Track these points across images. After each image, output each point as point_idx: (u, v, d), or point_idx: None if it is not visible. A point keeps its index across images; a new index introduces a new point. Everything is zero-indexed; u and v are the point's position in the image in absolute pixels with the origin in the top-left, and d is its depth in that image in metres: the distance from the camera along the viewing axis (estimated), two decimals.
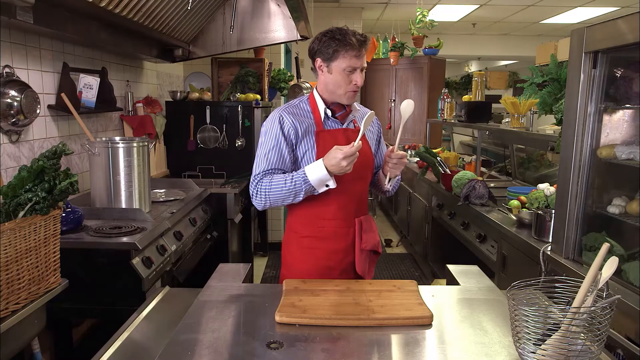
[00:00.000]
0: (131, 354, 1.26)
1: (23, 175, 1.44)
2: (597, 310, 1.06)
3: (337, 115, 1.80)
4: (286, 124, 1.75)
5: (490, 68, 12.33)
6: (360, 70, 1.71)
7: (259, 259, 4.79)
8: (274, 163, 1.74)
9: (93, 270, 2.02)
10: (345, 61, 1.68)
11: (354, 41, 1.66)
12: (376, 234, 1.91)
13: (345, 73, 1.70)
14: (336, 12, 6.76)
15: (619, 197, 1.91)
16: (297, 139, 1.75)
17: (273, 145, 1.74)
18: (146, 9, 2.65)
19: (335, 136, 1.77)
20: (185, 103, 3.98)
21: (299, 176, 1.66)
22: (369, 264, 1.86)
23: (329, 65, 1.71)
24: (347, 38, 1.66)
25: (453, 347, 1.23)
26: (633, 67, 1.81)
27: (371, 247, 1.84)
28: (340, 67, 1.69)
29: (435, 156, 4.08)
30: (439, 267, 3.94)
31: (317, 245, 1.81)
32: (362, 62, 1.70)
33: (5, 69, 2.09)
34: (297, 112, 1.79)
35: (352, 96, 1.76)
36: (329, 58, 1.70)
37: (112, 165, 2.41)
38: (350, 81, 1.71)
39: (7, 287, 1.37)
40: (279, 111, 1.79)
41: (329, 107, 1.80)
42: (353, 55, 1.67)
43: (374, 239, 1.86)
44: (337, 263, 1.81)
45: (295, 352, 1.20)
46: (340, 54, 1.67)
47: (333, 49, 1.68)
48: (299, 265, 1.83)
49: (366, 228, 1.84)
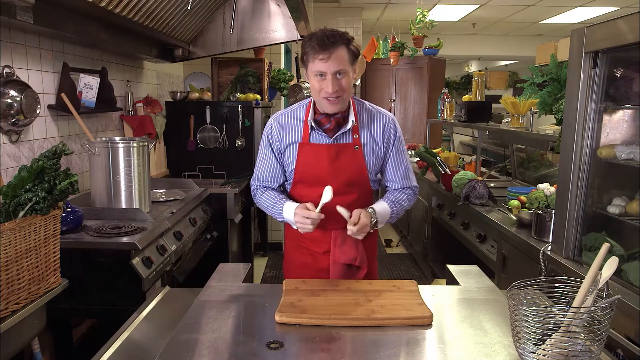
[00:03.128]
0: (131, 354, 1.26)
1: (23, 175, 1.44)
2: (597, 310, 1.06)
3: (324, 127, 1.70)
4: (273, 136, 1.78)
5: (490, 68, 12.34)
6: (332, 76, 1.57)
7: (259, 259, 4.79)
8: (266, 175, 1.83)
9: (93, 270, 2.02)
10: (313, 65, 1.59)
11: (316, 42, 1.55)
12: (357, 249, 1.76)
13: (317, 79, 1.60)
14: (336, 12, 6.76)
15: (619, 197, 1.91)
16: (282, 150, 1.78)
17: (264, 155, 1.83)
18: (146, 9, 2.65)
19: (317, 152, 1.71)
20: (185, 103, 3.98)
21: (280, 206, 1.75)
22: (346, 276, 1.76)
23: (307, 71, 1.66)
24: (311, 40, 1.57)
25: (453, 347, 1.23)
26: (633, 67, 1.81)
27: (345, 261, 1.75)
28: (311, 72, 1.62)
29: (435, 156, 4.08)
30: (439, 267, 3.94)
31: (304, 243, 1.85)
32: (331, 66, 1.55)
33: (5, 69, 2.09)
34: (288, 122, 1.76)
35: (329, 104, 1.63)
36: (304, 63, 1.65)
37: (112, 165, 2.41)
38: (321, 88, 1.60)
39: (7, 287, 1.37)
40: (272, 119, 1.81)
41: (316, 119, 1.71)
42: (318, 59, 1.56)
43: (350, 254, 1.75)
44: (316, 263, 1.83)
45: (295, 352, 1.20)
46: (310, 57, 1.59)
47: (304, 52, 1.62)
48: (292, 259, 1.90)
49: (342, 243, 1.75)
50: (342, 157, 1.72)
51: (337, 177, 1.71)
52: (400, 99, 6.56)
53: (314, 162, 1.72)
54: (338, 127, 1.71)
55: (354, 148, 1.73)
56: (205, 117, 3.93)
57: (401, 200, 1.81)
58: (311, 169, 1.73)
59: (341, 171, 1.72)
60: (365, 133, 1.75)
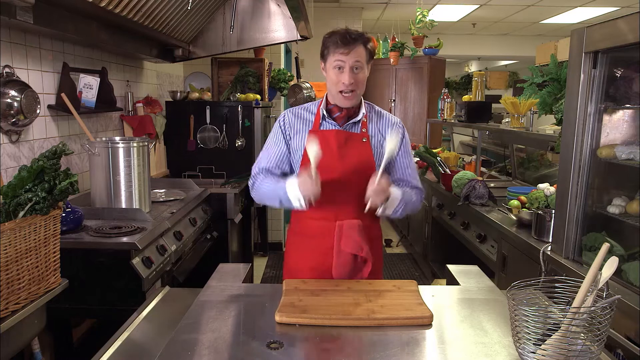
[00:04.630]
0: (131, 354, 1.26)
1: (23, 175, 1.44)
2: (597, 310, 1.06)
3: (334, 115, 1.80)
4: (286, 121, 1.85)
5: (490, 68, 12.33)
6: (350, 69, 1.69)
7: (259, 259, 4.79)
8: (273, 158, 1.83)
9: (93, 270, 2.02)
10: (333, 57, 1.71)
11: (339, 37, 1.69)
12: (363, 239, 1.78)
13: (334, 71, 1.72)
14: (336, 12, 6.76)
15: (619, 197, 1.91)
16: (292, 134, 1.82)
17: (274, 142, 1.85)
18: (146, 9, 2.65)
19: (326, 137, 1.77)
20: (185, 103, 3.98)
21: (282, 184, 1.72)
22: (351, 271, 1.78)
23: (325, 65, 1.77)
24: (334, 35, 1.71)
25: (453, 347, 1.23)
26: (633, 67, 1.81)
27: (351, 249, 1.76)
28: (330, 65, 1.73)
29: (435, 156, 4.08)
30: (439, 267, 3.94)
31: (307, 242, 1.84)
32: (350, 59, 1.69)
33: (5, 69, 2.09)
34: (301, 113, 1.86)
35: (344, 99, 1.74)
36: (324, 57, 1.76)
37: (112, 165, 2.41)
38: (338, 80, 1.71)
39: (7, 287, 1.37)
40: (286, 111, 1.90)
41: (328, 108, 1.82)
42: (339, 52, 1.69)
43: (356, 243, 1.76)
44: (319, 264, 1.79)
45: (295, 352, 1.20)
46: (330, 50, 1.71)
47: (325, 46, 1.74)
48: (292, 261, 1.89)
49: (346, 233, 1.77)
50: (350, 145, 1.78)
51: (344, 164, 1.75)
52: (400, 99, 6.55)
53: (323, 147, 1.71)
54: (348, 118, 1.80)
55: (362, 140, 1.80)
56: (205, 117, 3.93)
57: (410, 194, 1.83)
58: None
59: (349, 158, 1.76)
60: (373, 128, 1.84)
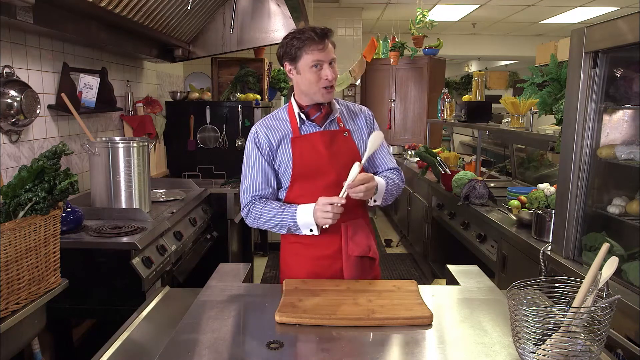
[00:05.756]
0: (131, 354, 1.27)
1: (23, 175, 1.44)
2: (597, 310, 1.06)
3: (313, 118, 1.75)
4: (261, 139, 1.74)
5: (490, 68, 12.33)
6: (329, 63, 1.66)
7: (259, 259, 4.79)
8: (260, 186, 1.74)
9: (93, 270, 2.02)
10: (310, 57, 1.64)
11: (314, 34, 1.62)
12: (369, 239, 1.80)
13: (313, 70, 1.65)
14: (336, 12, 6.76)
15: (619, 197, 1.91)
16: (273, 151, 1.74)
17: (253, 164, 1.75)
18: (146, 9, 2.65)
19: (311, 141, 1.72)
20: (185, 103, 3.98)
21: (289, 212, 1.67)
22: (361, 271, 1.77)
23: (296, 67, 1.69)
24: (306, 34, 1.63)
25: (453, 347, 1.23)
26: (633, 67, 1.81)
27: (359, 253, 1.75)
28: (307, 65, 1.65)
29: (435, 156, 4.08)
30: (439, 267, 3.94)
31: (303, 251, 1.77)
32: (328, 55, 1.65)
33: (5, 69, 2.09)
34: (273, 124, 1.76)
35: (327, 93, 1.70)
36: (294, 59, 1.67)
37: (112, 165, 2.41)
38: (320, 77, 1.66)
39: (7, 287, 1.37)
40: (256, 125, 1.79)
41: (303, 111, 1.75)
42: (316, 49, 1.63)
43: (363, 245, 1.77)
44: (324, 270, 1.75)
45: (295, 352, 1.20)
46: (304, 50, 1.64)
47: (295, 47, 1.65)
48: (290, 271, 1.80)
49: (354, 234, 1.76)
50: (335, 143, 1.75)
51: (336, 163, 1.72)
52: (400, 99, 6.55)
53: (311, 151, 1.71)
54: (327, 116, 1.76)
55: (344, 135, 1.77)
56: (205, 117, 3.93)
57: (392, 178, 1.83)
58: (309, 159, 1.72)
59: (338, 156, 1.73)
60: (348, 122, 1.82)
